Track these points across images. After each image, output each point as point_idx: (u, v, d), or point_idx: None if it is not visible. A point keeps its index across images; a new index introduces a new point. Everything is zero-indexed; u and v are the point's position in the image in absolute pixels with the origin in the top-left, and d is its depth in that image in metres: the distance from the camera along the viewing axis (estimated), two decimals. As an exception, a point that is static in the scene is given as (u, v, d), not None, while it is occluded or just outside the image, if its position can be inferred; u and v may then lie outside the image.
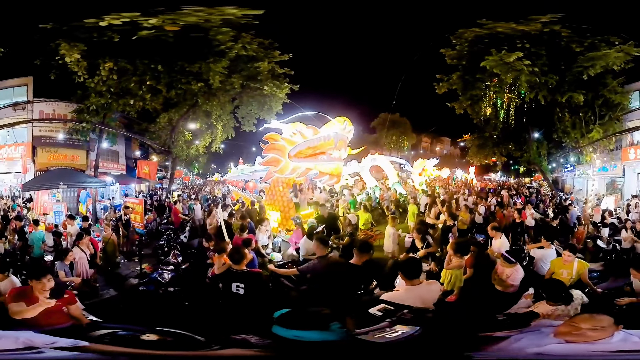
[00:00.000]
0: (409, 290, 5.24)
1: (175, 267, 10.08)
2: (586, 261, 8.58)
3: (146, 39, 22.07)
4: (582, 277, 7.91)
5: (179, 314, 8.47)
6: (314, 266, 6.88)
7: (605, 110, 27.02)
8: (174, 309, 8.71)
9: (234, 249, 6.83)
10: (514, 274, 7.61)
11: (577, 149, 30.68)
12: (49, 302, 5.13)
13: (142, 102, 25.97)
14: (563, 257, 8.15)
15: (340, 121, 16.24)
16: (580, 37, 24.07)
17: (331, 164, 16.14)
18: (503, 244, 9.88)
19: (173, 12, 21.52)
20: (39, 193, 20.39)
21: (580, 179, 36.48)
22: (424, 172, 38.12)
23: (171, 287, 9.22)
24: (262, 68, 26.29)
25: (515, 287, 7.63)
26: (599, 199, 24.60)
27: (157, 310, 8.67)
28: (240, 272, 6.30)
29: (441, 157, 63.06)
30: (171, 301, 8.96)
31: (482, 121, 31.91)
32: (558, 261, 8.32)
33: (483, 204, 18.50)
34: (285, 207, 16.34)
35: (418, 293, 5.17)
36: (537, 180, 48.05)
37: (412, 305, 4.88)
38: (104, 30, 21.41)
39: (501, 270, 7.81)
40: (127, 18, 20.99)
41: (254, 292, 6.22)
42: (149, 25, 21.49)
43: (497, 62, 24.59)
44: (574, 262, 7.99)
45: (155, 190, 36.64)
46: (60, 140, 26.51)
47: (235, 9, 22.64)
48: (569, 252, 8.05)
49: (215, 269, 7.38)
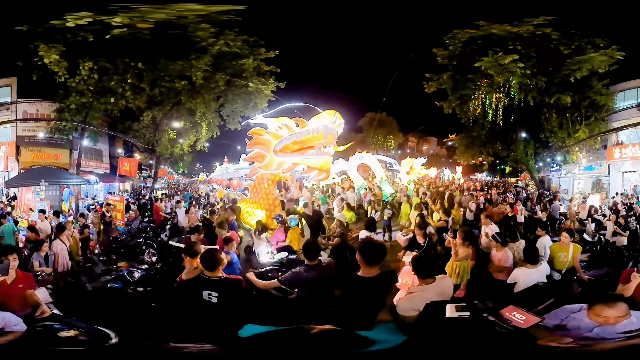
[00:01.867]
0: (424, 290, 4.68)
1: (149, 267, 9.75)
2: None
3: (124, 38, 22.07)
4: (575, 260, 8.37)
5: (143, 314, 7.74)
6: (299, 276, 5.71)
7: (591, 111, 27.95)
8: (138, 309, 8.09)
9: (207, 253, 5.59)
10: (504, 256, 8.17)
11: (563, 148, 31.29)
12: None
13: (125, 101, 25.91)
14: (561, 239, 8.61)
15: (330, 114, 15.57)
16: (568, 39, 24.67)
17: (319, 158, 15.41)
18: (493, 230, 9.93)
19: (131, 10, 21.44)
20: (23, 191, 20.66)
21: (566, 178, 36.95)
22: (411, 170, 37.94)
23: (140, 287, 8.78)
24: (247, 65, 26.21)
25: (508, 268, 7.93)
26: (584, 197, 24.70)
27: (119, 309, 8.10)
28: (214, 280, 5.24)
29: (428, 157, 63.12)
30: (137, 301, 8.49)
31: (470, 121, 32.16)
32: (556, 245, 8.79)
33: (474, 201, 18.41)
34: (271, 205, 15.83)
35: (435, 292, 4.64)
36: (523, 180, 48.35)
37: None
38: (76, 31, 21.48)
39: (494, 255, 8.44)
40: (89, 18, 21.02)
41: (230, 301, 5.19)
42: (118, 23, 21.46)
43: (492, 63, 25.12)
44: (570, 245, 8.46)
45: (139, 189, 36.20)
46: (43, 140, 26.48)
47: (215, 6, 22.58)
48: (566, 233, 8.60)
49: (183, 274, 6.24)
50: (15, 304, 5.35)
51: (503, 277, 7.86)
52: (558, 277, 8.32)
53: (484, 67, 25.50)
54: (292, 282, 5.87)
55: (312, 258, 5.76)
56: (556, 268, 8.41)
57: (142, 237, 14.36)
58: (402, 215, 16.98)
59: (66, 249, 10.52)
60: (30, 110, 26.52)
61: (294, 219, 12.20)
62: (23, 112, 26.26)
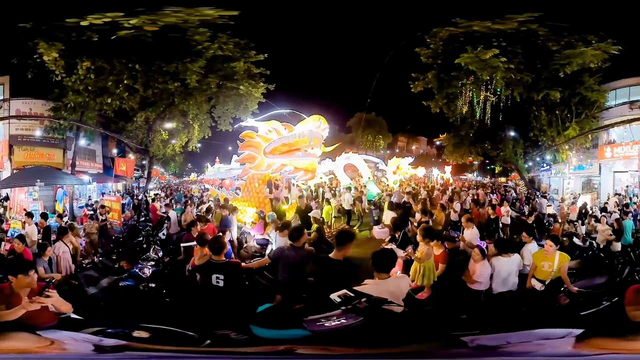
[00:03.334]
0: (377, 284, 4.96)
1: (156, 262, 9.92)
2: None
3: (124, 39, 22.16)
4: (562, 271, 7.73)
5: (163, 309, 8.39)
6: (285, 252, 7.04)
7: (582, 108, 27.32)
8: (157, 305, 8.60)
9: (214, 238, 6.80)
10: (481, 269, 7.93)
11: (553, 147, 30.67)
12: (30, 303, 4.55)
13: (119, 101, 26.08)
14: (545, 247, 7.97)
15: (315, 119, 16.63)
16: (557, 35, 24.34)
17: (306, 160, 16.59)
18: (474, 234, 10.29)
19: (154, 12, 21.67)
20: (16, 192, 20.36)
21: (557, 178, 36.61)
22: (398, 170, 38.30)
23: (152, 283, 9.10)
24: (238, 68, 26.53)
25: (480, 283, 7.95)
26: (574, 198, 24.68)
27: (139, 306, 8.54)
28: (220, 263, 6.33)
29: (417, 157, 63.49)
30: (154, 297, 8.78)
31: (458, 120, 32.16)
32: (539, 253, 8.16)
33: (458, 201, 18.65)
34: (261, 204, 16.67)
35: (386, 288, 4.87)
36: (513, 180, 48.43)
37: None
38: (82, 30, 21.48)
39: (471, 265, 8.15)
40: (109, 18, 21.09)
41: (234, 283, 6.25)
42: (129, 25, 21.59)
43: (473, 59, 24.85)
44: (556, 254, 7.79)
45: (132, 190, 36.45)
46: (37, 139, 26.20)
47: (212, 10, 22.82)
48: (550, 241, 7.91)
49: (195, 260, 7.55)
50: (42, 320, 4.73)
51: (476, 287, 7.98)
52: (541, 287, 7.87)
53: (464, 63, 25.30)
54: (277, 256, 7.11)
55: (296, 240, 7.02)
56: (538, 278, 7.95)
57: (143, 236, 14.58)
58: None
59: (69, 251, 9.92)
60: (23, 109, 26.16)
61: (271, 215, 13.42)
62: (16, 110, 25.92)
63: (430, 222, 12.81)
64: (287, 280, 6.90)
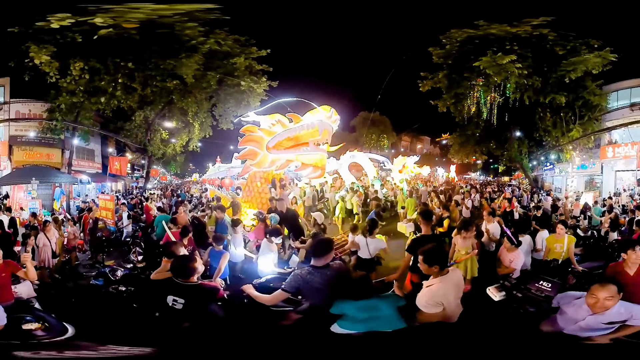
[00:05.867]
0: (443, 280, 4.22)
1: (134, 266, 9.60)
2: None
3: (111, 38, 22.18)
4: (569, 250, 8.91)
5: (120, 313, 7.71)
6: (306, 279, 4.69)
7: (585, 110, 28.20)
8: (119, 309, 7.95)
9: (180, 260, 4.96)
10: (516, 258, 8.03)
11: (557, 147, 31.65)
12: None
13: (116, 100, 25.96)
14: (557, 230, 9.16)
15: (325, 109, 15.12)
16: (564, 40, 24.93)
17: (315, 155, 14.71)
18: (496, 228, 10.13)
19: (109, 11, 21.48)
20: (15, 190, 20.85)
21: (560, 177, 37.40)
22: (404, 169, 37.82)
23: (122, 286, 8.35)
24: (238, 64, 26.26)
25: (517, 270, 7.98)
26: (577, 196, 25.06)
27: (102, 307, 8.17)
28: (184, 285, 4.63)
29: (421, 156, 63.16)
30: (119, 300, 8.12)
31: (465, 119, 32.32)
32: (552, 237, 9.18)
33: (469, 198, 18.40)
34: (264, 205, 15.42)
35: (454, 282, 4.29)
36: (517, 179, 48.56)
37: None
38: (64, 32, 21.62)
39: (504, 256, 8.27)
40: (70, 19, 21.07)
41: (197, 310, 4.61)
42: (102, 24, 21.52)
43: (491, 63, 25.21)
44: (565, 237, 8.98)
45: (131, 189, 36.08)
46: (36, 139, 26.77)
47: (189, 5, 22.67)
48: (561, 225, 9.28)
49: (154, 273, 5.82)
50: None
51: (515, 274, 7.90)
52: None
53: (483, 67, 25.60)
54: (296, 287, 4.75)
55: (320, 257, 4.78)
56: (553, 259, 8.97)
57: (131, 237, 14.33)
58: (409, 212, 17.05)
59: (49, 245, 10.52)
60: (23, 110, 26.84)
61: (274, 217, 12.01)
62: (16, 112, 26.62)
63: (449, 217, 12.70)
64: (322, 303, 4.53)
